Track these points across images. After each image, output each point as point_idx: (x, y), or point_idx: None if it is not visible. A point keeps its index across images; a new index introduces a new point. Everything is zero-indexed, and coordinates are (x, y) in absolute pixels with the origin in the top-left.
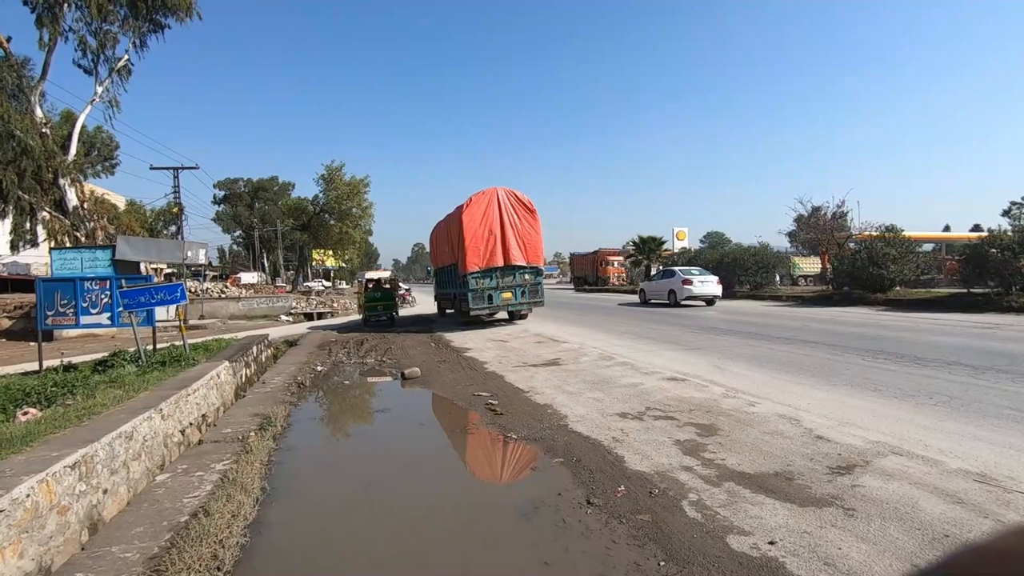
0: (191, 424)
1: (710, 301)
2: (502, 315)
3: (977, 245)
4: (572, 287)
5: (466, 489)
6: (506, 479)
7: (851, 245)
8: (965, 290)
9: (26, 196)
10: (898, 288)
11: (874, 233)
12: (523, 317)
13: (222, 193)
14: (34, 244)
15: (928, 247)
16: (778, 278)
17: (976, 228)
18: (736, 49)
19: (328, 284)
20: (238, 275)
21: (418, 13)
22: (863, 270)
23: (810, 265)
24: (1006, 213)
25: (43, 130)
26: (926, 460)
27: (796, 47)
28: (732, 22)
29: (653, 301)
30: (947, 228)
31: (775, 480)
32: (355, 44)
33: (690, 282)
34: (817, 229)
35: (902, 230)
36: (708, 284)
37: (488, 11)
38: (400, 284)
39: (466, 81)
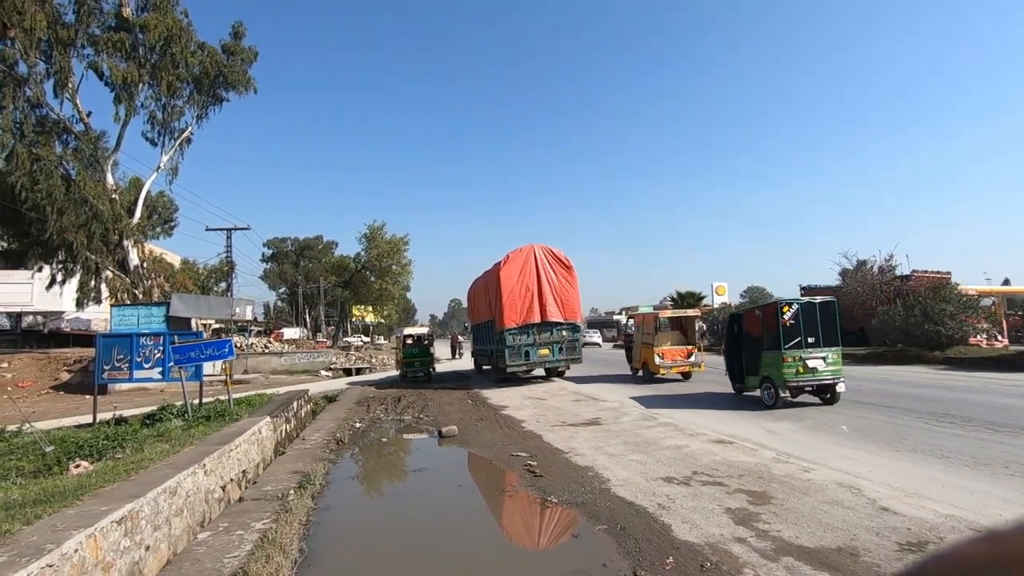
0: (232, 480)
1: (598, 344)
2: (539, 372)
3: None
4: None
5: (505, 556)
6: (546, 546)
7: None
8: None
9: (93, 257)
10: (960, 348)
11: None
12: (560, 374)
13: (270, 251)
14: (97, 301)
15: (987, 302)
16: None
17: None
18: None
19: (367, 339)
20: (281, 330)
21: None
22: (918, 327)
23: None
24: None
25: (113, 196)
26: None
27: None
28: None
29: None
30: (1007, 281)
31: (838, 556)
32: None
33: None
34: (864, 284)
35: (957, 284)
36: (594, 337)
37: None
38: (459, 337)
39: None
